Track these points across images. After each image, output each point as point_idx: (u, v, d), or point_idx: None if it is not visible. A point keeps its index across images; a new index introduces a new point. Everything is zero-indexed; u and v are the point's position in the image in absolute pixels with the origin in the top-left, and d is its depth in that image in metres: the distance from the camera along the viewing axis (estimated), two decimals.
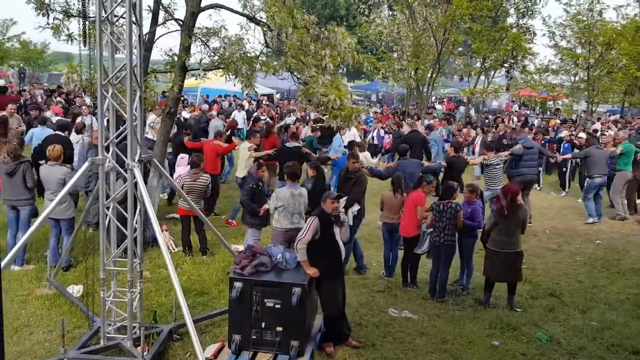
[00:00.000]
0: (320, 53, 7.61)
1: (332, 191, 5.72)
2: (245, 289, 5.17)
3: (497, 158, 10.46)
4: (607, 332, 6.39)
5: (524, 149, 11.09)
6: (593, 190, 11.54)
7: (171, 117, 7.89)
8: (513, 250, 6.76)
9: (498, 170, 10.34)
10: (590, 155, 11.55)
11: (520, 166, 11.14)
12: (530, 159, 11.23)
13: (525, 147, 11.18)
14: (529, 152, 11.21)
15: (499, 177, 10.33)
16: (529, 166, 11.23)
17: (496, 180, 10.25)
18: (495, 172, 10.29)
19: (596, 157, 11.49)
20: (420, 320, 6.51)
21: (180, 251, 8.23)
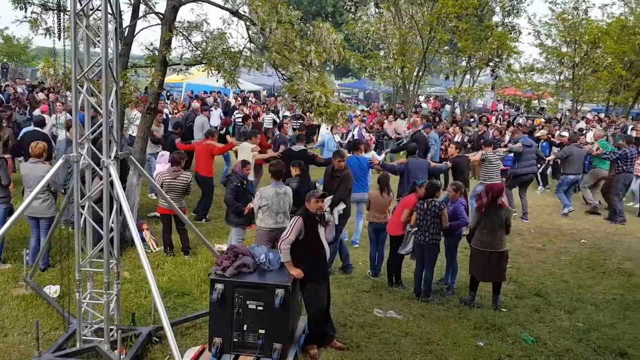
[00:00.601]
0: (305, 49, 7.47)
1: (316, 190, 5.58)
2: (226, 290, 5.02)
3: (495, 154, 10.57)
4: (594, 333, 6.35)
5: (523, 147, 11.15)
6: (566, 186, 11.90)
7: (151, 113, 7.68)
8: (496, 250, 6.69)
9: (495, 166, 10.43)
10: (570, 154, 11.70)
11: (520, 165, 11.21)
12: (529, 158, 11.35)
13: (525, 146, 11.27)
14: (528, 150, 11.32)
15: (495, 173, 10.43)
16: (528, 165, 11.35)
17: (492, 175, 10.35)
18: (491, 167, 10.38)
19: (575, 155, 11.71)
20: (405, 321, 6.42)
21: (161, 251, 8.05)
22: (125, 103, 7.63)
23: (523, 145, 11.28)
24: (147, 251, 8.06)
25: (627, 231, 10.97)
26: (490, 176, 10.34)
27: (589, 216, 11.91)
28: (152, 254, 7.99)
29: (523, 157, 11.23)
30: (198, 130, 12.92)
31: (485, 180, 10.21)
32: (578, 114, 26.88)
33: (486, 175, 10.39)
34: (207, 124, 13.35)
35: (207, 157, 9.78)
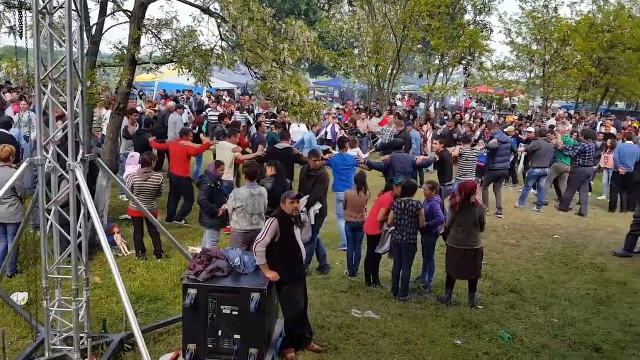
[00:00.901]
0: (278, 47, 7.36)
1: (291, 191, 5.49)
2: (200, 295, 4.89)
3: (472, 152, 10.71)
4: (569, 329, 6.40)
5: (499, 144, 11.26)
6: (533, 179, 12.15)
7: (121, 114, 7.48)
8: (471, 247, 6.70)
9: (470, 163, 10.56)
10: (539, 148, 11.86)
11: (495, 161, 11.36)
12: (504, 154, 11.49)
13: (500, 142, 11.39)
14: (503, 146, 11.45)
15: (470, 170, 10.56)
16: (503, 161, 11.51)
17: (467, 172, 10.48)
18: (467, 164, 10.50)
19: (544, 150, 11.88)
20: (383, 321, 6.38)
21: (133, 255, 7.85)
22: (93, 103, 7.41)
23: (498, 141, 11.41)
24: (119, 255, 7.88)
25: (598, 226, 11.16)
26: (465, 172, 10.45)
27: (561, 212, 12.08)
28: (124, 258, 7.80)
29: (498, 153, 11.37)
30: (172, 129, 12.63)
31: (460, 176, 10.31)
32: (549, 111, 27.34)
33: (461, 171, 10.49)
34: (180, 122, 13.04)
35: (183, 157, 9.52)
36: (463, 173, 10.45)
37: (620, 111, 32.05)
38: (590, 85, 25.44)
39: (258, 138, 11.56)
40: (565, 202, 12.25)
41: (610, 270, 8.48)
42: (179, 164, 9.52)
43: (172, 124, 12.80)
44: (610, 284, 7.89)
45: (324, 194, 7.72)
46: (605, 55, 23.96)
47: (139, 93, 24.73)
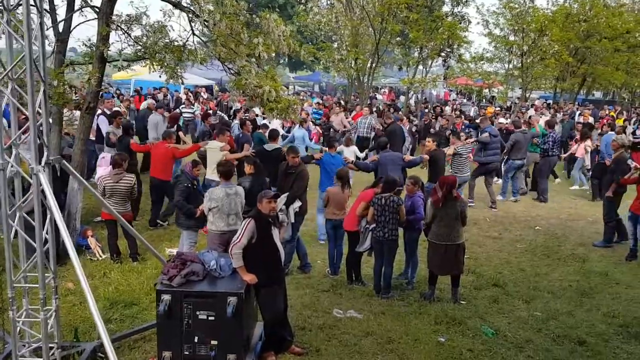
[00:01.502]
0: (253, 41, 7.17)
1: (268, 190, 5.31)
2: (174, 301, 4.70)
3: (465, 146, 10.73)
4: (552, 322, 6.35)
5: (490, 137, 11.35)
6: (512, 171, 12.12)
7: (90, 113, 7.22)
8: (453, 242, 6.61)
9: (464, 159, 10.63)
10: (517, 141, 11.86)
11: (487, 154, 11.42)
12: (494, 147, 11.54)
13: (492, 135, 11.47)
14: (494, 140, 11.51)
15: (466, 165, 10.65)
16: (493, 154, 11.55)
17: (463, 168, 10.54)
18: (462, 160, 10.55)
19: (522, 142, 11.91)
20: (365, 320, 6.25)
21: (108, 258, 7.61)
22: (61, 103, 7.14)
23: (490, 135, 11.48)
24: (93, 259, 7.65)
25: (579, 216, 11.18)
26: (460, 169, 10.52)
27: (542, 203, 12.09)
28: (98, 262, 7.56)
29: (489, 146, 11.43)
30: (152, 129, 12.10)
31: (457, 173, 10.32)
32: (528, 101, 27.51)
33: (457, 168, 10.53)
34: (161, 123, 12.38)
35: (167, 160, 9.05)
36: (459, 170, 10.46)
37: (597, 100, 32.45)
38: (568, 75, 25.62)
39: (243, 137, 11.14)
40: (543, 192, 12.32)
41: (591, 261, 8.47)
42: (161, 167, 9.04)
43: (152, 125, 12.22)
44: (592, 275, 7.87)
45: (303, 191, 7.56)
46: (581, 45, 24.12)
47: (115, 91, 24.24)
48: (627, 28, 24.14)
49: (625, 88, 30.20)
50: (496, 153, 11.64)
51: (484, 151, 11.49)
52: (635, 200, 8.34)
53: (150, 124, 12.35)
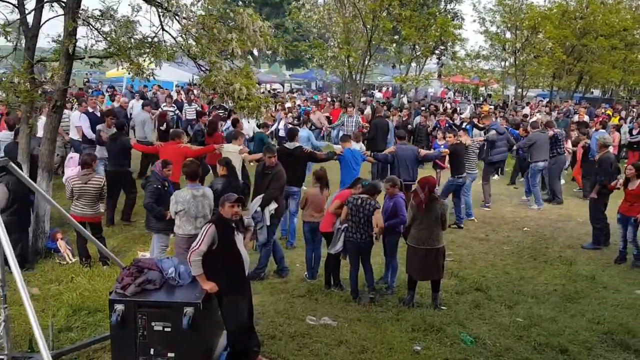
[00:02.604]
0: (226, 37, 6.90)
1: (231, 194, 5.04)
2: (127, 311, 4.46)
3: (474, 144, 10.58)
4: (534, 329, 6.10)
5: (497, 135, 11.19)
6: (538, 174, 11.50)
7: (57, 112, 6.95)
8: (433, 246, 6.36)
9: (474, 156, 10.49)
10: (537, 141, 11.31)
11: (493, 152, 11.25)
12: (501, 145, 11.36)
13: (498, 133, 11.29)
14: (500, 137, 11.34)
15: (474, 162, 10.48)
16: (500, 152, 11.37)
17: (472, 165, 10.37)
18: (471, 158, 10.35)
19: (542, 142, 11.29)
20: (339, 327, 5.99)
21: (77, 262, 7.36)
22: (27, 100, 6.88)
23: (496, 132, 11.30)
24: (62, 262, 7.39)
25: (569, 217, 10.92)
26: (470, 166, 10.32)
27: (531, 206, 11.80)
28: (67, 266, 7.31)
29: (495, 144, 11.24)
30: (140, 128, 11.74)
31: (467, 170, 10.13)
32: (523, 99, 27.25)
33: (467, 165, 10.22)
34: (149, 122, 12.09)
35: (179, 161, 8.04)
36: (469, 167, 10.24)
37: (594, 98, 32.13)
38: (564, 73, 25.36)
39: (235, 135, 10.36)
40: (556, 193, 11.89)
41: (578, 264, 8.21)
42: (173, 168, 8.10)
43: (139, 123, 11.83)
44: (578, 279, 7.62)
45: (280, 192, 7.31)
46: (578, 43, 23.86)
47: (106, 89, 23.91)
48: (624, 25, 23.88)
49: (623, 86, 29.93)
50: (503, 151, 11.44)
51: (491, 149, 11.30)
52: (624, 202, 8.09)
53: (137, 122, 12.02)
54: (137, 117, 12.25)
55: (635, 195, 7.94)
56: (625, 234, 8.15)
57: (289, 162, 8.17)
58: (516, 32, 19.86)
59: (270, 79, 38.42)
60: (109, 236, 8.54)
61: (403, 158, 9.27)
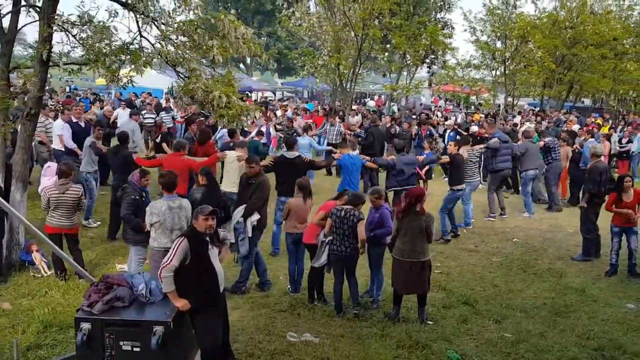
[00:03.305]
0: (207, 44, 6.73)
1: (205, 206, 4.84)
2: (94, 330, 4.23)
3: (474, 152, 10.49)
4: (522, 345, 5.91)
5: (499, 143, 11.04)
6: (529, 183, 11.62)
7: (31, 120, 6.73)
8: (418, 259, 6.17)
9: (474, 164, 10.41)
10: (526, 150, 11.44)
11: (497, 161, 11.08)
12: (505, 153, 11.17)
13: (501, 141, 11.11)
14: (503, 146, 11.16)
15: (475, 171, 10.44)
16: (504, 160, 11.19)
17: (473, 174, 10.32)
18: (472, 166, 10.29)
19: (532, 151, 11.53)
20: (321, 344, 5.77)
21: (52, 275, 7.11)
22: (2, 108, 6.66)
23: (499, 140, 11.14)
24: (37, 275, 7.14)
25: (559, 227, 10.78)
26: (471, 174, 10.25)
27: (523, 214, 11.68)
28: (42, 279, 7.05)
29: (499, 152, 11.10)
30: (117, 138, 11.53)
31: (466, 179, 10.07)
32: (515, 108, 27.23)
33: (466, 174, 10.15)
34: (138, 131, 11.82)
35: (184, 173, 8.00)
36: (469, 175, 10.19)
37: (584, 108, 32.21)
38: (554, 82, 25.37)
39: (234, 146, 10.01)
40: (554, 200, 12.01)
41: (568, 276, 8.05)
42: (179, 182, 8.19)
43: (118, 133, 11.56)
44: (568, 292, 7.45)
45: (263, 203, 7.10)
46: (568, 52, 23.90)
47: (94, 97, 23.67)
48: (613, 35, 23.94)
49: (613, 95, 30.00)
50: (507, 159, 11.25)
51: (494, 158, 11.15)
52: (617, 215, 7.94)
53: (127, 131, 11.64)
54: (125, 127, 11.93)
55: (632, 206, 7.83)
56: (619, 246, 8.01)
57: (289, 171, 8.11)
58: (506, 42, 19.80)
59: (261, 87, 38.33)
60: (88, 248, 8.33)
61: (401, 167, 9.26)
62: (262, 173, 7.32)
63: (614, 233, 8.09)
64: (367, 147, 12.80)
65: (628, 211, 7.84)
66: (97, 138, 9.53)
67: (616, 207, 7.96)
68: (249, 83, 37.06)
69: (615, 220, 8.09)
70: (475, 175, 10.44)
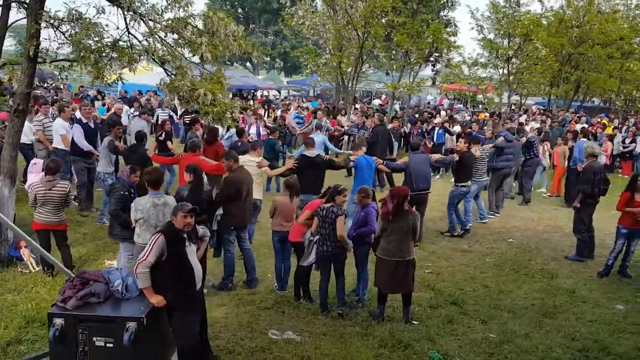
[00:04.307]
0: (196, 41, 6.73)
1: (185, 203, 4.83)
2: (67, 326, 4.24)
3: (483, 151, 10.53)
4: (507, 346, 5.86)
5: (505, 142, 11.19)
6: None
7: (19, 116, 6.77)
8: (403, 258, 6.13)
9: (484, 164, 10.49)
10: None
11: (499, 159, 11.23)
12: (508, 152, 11.34)
13: (507, 140, 11.27)
14: (508, 145, 11.32)
15: (484, 171, 10.50)
16: (506, 159, 11.34)
17: (482, 173, 10.41)
18: (481, 165, 10.37)
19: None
20: (303, 342, 5.76)
21: (40, 271, 7.15)
22: None
23: (505, 139, 11.26)
24: (25, 271, 7.18)
25: (556, 228, 10.70)
26: (480, 174, 10.34)
27: (520, 213, 11.61)
28: (30, 275, 7.09)
29: (504, 152, 11.23)
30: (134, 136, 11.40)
31: (475, 178, 10.16)
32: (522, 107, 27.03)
33: (476, 173, 10.25)
34: (146, 129, 11.74)
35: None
36: (479, 175, 10.30)
37: (592, 107, 31.88)
38: (561, 81, 25.13)
39: (243, 146, 9.98)
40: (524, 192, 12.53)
41: (560, 277, 7.97)
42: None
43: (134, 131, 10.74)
44: (558, 292, 7.38)
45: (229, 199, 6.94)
46: (574, 51, 23.66)
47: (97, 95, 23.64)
48: (620, 34, 23.66)
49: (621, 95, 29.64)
50: (509, 158, 11.42)
51: (497, 156, 11.28)
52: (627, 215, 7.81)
53: (132, 130, 11.63)
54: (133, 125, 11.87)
55: None
56: (622, 248, 7.92)
57: (310, 170, 8.20)
58: (509, 40, 19.64)
59: (267, 85, 38.33)
60: (80, 243, 8.38)
61: (417, 168, 9.12)
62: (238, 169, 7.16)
63: (620, 234, 7.92)
64: (371, 145, 12.76)
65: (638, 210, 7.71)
66: (115, 137, 9.45)
67: (628, 206, 7.80)
68: (254, 81, 37.07)
69: (624, 221, 7.91)
70: (484, 175, 10.53)
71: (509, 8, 19.73)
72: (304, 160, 8.44)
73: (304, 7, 21.66)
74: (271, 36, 48.77)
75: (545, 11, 24.73)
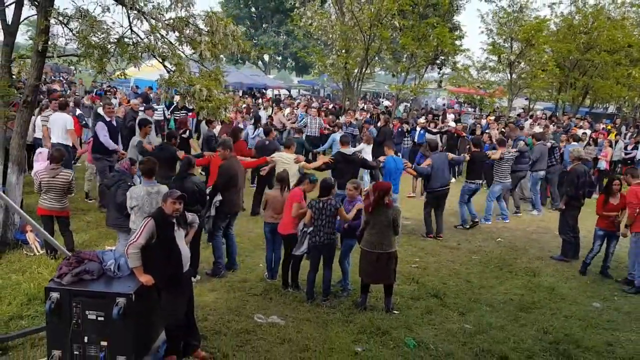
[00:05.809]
0: (195, 40, 7.09)
1: (174, 190, 5.18)
2: (63, 299, 4.61)
3: (510, 154, 11.13)
4: (480, 336, 6.15)
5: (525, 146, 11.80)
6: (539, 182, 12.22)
7: (27, 107, 7.17)
8: (384, 250, 6.44)
9: (508, 166, 11.03)
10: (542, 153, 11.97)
11: (518, 162, 11.65)
12: (525, 156, 11.82)
13: (527, 144, 11.88)
14: (525, 148, 11.90)
15: (508, 172, 11.02)
16: (523, 162, 11.78)
17: (505, 174, 10.89)
18: (505, 167, 10.91)
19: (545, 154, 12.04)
20: (286, 326, 6.10)
21: (45, 254, 7.55)
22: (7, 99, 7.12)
23: (525, 143, 11.86)
24: (30, 254, 7.59)
25: (547, 229, 10.94)
26: (504, 175, 10.85)
27: (532, 212, 11.94)
28: (34, 258, 7.49)
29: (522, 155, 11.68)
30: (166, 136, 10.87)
31: (500, 179, 10.77)
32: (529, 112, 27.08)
33: (501, 174, 10.80)
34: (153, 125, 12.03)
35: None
36: (503, 176, 10.82)
37: (599, 114, 31.85)
38: (568, 87, 25.20)
39: (271, 144, 10.28)
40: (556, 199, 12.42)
41: (542, 275, 8.24)
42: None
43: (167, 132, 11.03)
44: (538, 289, 7.65)
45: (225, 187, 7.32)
46: (581, 57, 23.73)
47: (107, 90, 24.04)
48: (628, 41, 23.69)
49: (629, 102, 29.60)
50: (525, 162, 11.83)
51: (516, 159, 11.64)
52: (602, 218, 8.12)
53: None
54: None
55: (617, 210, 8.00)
56: (599, 251, 8.22)
57: (347, 167, 8.71)
58: (512, 44, 19.82)
59: (277, 85, 38.78)
60: (84, 230, 8.78)
61: (439, 167, 9.69)
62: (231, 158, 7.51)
63: (597, 236, 8.23)
64: (377, 144, 13.08)
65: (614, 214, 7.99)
66: (143, 135, 9.45)
67: (603, 209, 8.10)
68: (265, 80, 37.53)
69: (600, 224, 8.24)
70: (507, 176, 10.95)
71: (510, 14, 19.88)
72: (341, 157, 8.94)
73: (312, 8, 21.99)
74: (283, 36, 49.14)
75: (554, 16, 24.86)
